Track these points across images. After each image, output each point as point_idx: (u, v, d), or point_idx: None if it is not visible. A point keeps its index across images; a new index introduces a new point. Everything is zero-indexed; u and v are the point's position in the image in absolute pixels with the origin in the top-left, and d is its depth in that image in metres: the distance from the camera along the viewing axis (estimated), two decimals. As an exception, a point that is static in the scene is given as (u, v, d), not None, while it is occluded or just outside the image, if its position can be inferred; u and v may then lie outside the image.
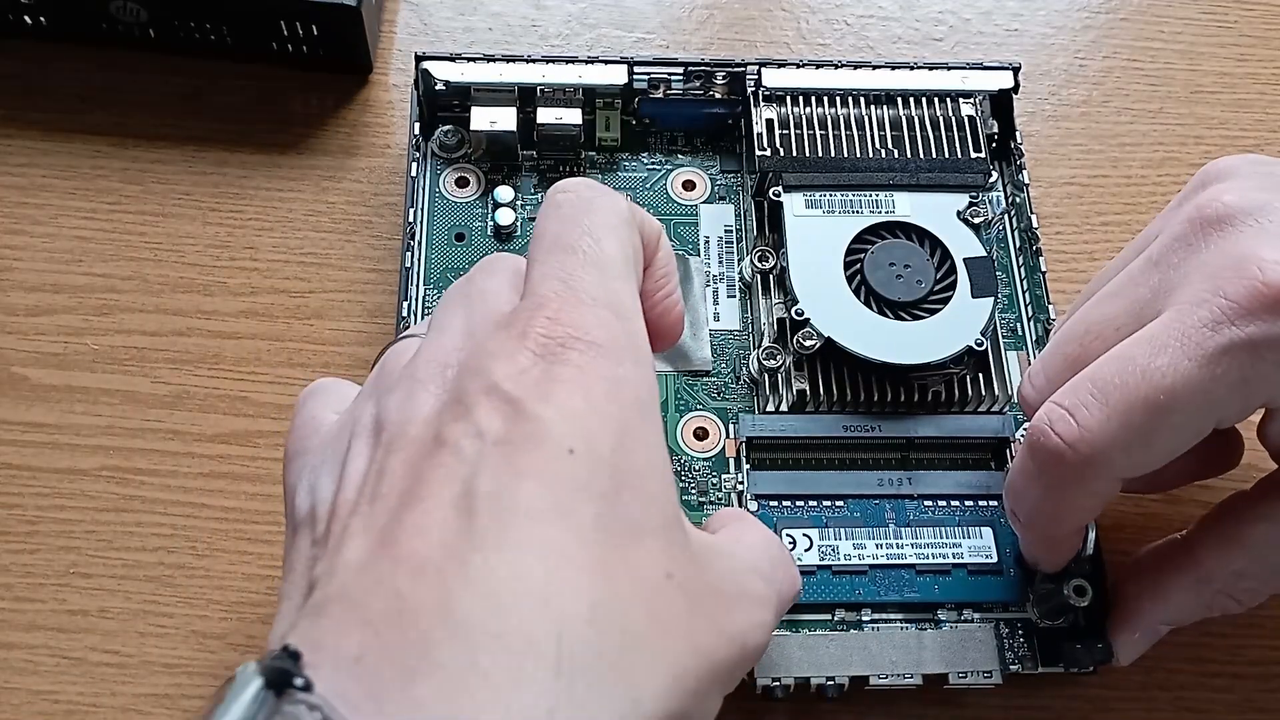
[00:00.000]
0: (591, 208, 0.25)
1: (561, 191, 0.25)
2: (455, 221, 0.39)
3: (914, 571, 0.33)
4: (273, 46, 0.42)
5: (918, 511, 0.34)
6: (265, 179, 0.41)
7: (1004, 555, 0.33)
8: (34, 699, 0.33)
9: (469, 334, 0.24)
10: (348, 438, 0.23)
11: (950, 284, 0.36)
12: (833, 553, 0.33)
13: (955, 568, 0.33)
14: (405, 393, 0.23)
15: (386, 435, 0.22)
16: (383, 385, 0.24)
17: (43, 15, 0.42)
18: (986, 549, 0.33)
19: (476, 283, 0.25)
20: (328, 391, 0.27)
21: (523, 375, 0.21)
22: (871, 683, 0.32)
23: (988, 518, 0.34)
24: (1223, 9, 0.47)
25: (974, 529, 0.34)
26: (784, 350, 0.36)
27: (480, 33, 0.45)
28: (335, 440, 0.24)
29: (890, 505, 0.34)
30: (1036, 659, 0.33)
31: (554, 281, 0.23)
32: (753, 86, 0.39)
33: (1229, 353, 0.25)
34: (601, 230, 0.24)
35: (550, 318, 0.22)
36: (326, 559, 0.21)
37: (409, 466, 0.21)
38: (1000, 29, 0.46)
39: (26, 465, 0.36)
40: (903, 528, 0.33)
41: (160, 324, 0.38)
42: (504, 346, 0.22)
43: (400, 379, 0.23)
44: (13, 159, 0.41)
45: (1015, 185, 0.39)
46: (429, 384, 0.23)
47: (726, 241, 0.39)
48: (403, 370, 0.24)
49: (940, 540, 0.33)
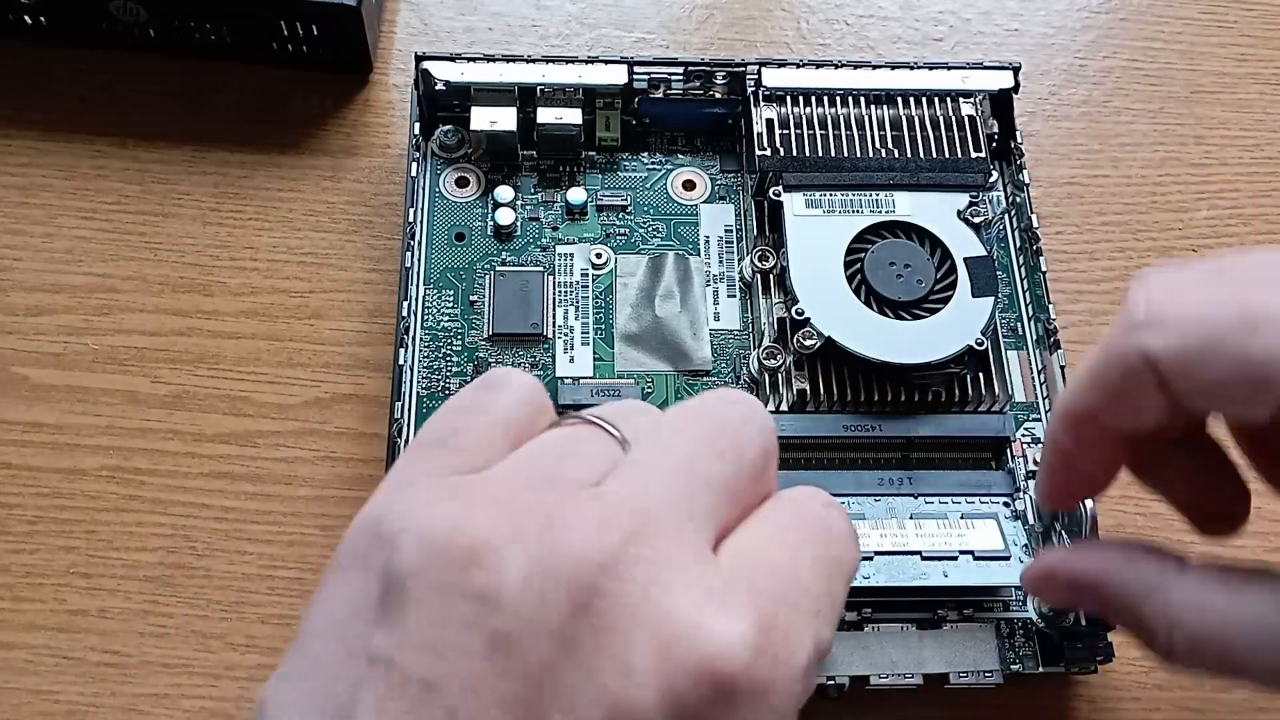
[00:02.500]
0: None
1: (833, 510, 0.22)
2: (455, 221, 0.39)
3: (920, 557, 0.33)
4: (273, 46, 0.42)
5: (919, 508, 0.34)
6: (265, 179, 0.41)
7: (1009, 544, 0.33)
8: (34, 699, 0.33)
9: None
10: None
11: (950, 284, 0.36)
12: None
13: (962, 554, 0.33)
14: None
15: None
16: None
17: (43, 15, 0.42)
18: (992, 538, 0.33)
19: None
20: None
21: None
22: (872, 683, 0.32)
23: (990, 514, 0.34)
24: (1223, 9, 0.47)
25: (978, 521, 0.33)
26: (784, 350, 0.36)
27: (480, 33, 0.45)
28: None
29: (892, 502, 0.34)
30: (1037, 659, 0.33)
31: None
32: (753, 86, 0.39)
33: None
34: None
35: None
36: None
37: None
38: (1000, 29, 0.46)
39: (26, 465, 0.36)
40: (906, 520, 0.33)
41: (160, 324, 0.38)
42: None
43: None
44: (13, 159, 0.41)
45: (1015, 185, 0.39)
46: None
47: (726, 241, 0.39)
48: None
49: (945, 530, 0.33)
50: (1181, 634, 0.23)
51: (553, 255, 0.38)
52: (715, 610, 0.17)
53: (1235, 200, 0.43)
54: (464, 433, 0.21)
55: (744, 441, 0.21)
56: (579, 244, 0.39)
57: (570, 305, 0.37)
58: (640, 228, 0.39)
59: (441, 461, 0.20)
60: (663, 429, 0.21)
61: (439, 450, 0.20)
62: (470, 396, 0.21)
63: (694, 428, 0.21)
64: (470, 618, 0.17)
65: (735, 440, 0.20)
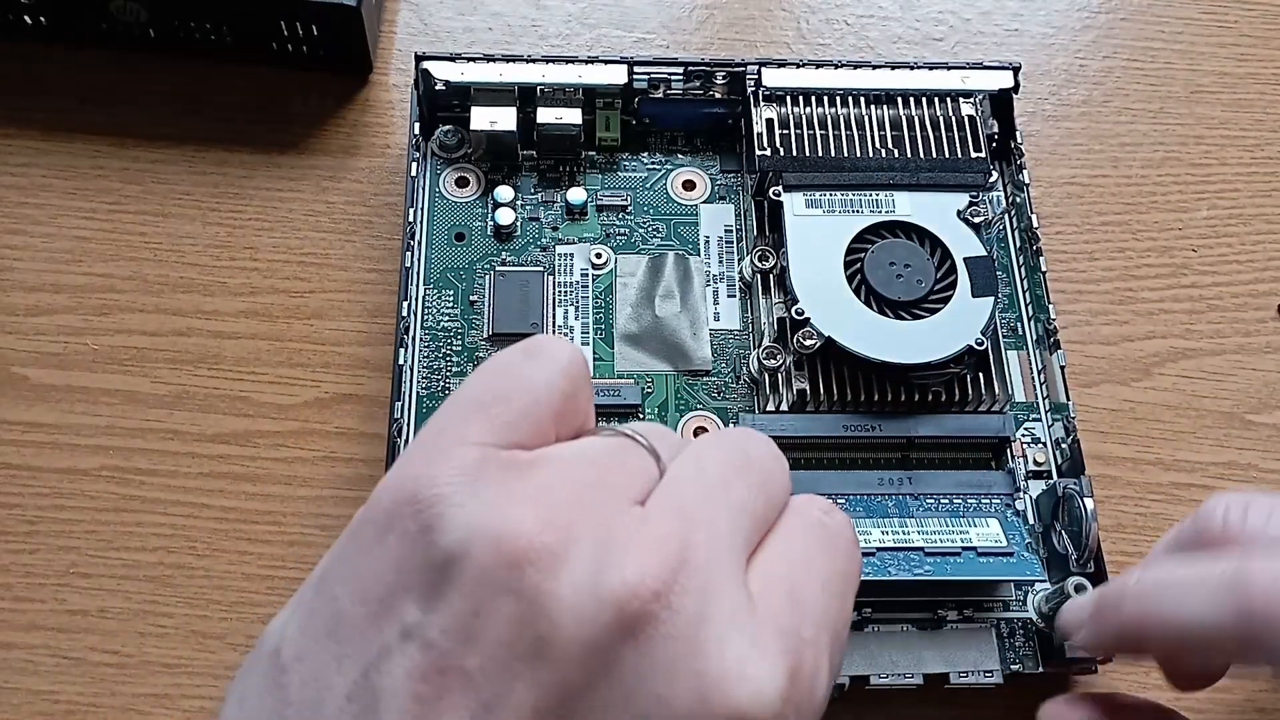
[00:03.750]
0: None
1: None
2: (455, 221, 0.39)
3: (923, 554, 0.32)
4: (273, 46, 0.42)
5: (920, 508, 0.34)
6: (265, 179, 0.41)
7: (1012, 540, 0.33)
8: (34, 699, 0.33)
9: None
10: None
11: (950, 283, 0.36)
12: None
13: (965, 550, 0.32)
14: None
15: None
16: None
17: (43, 15, 0.42)
18: (994, 535, 0.33)
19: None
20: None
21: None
22: (872, 682, 0.32)
23: (990, 513, 0.34)
24: (1223, 9, 0.47)
25: (980, 519, 0.33)
26: (784, 350, 0.36)
27: (480, 33, 0.45)
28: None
29: (893, 501, 0.34)
30: (1037, 659, 0.33)
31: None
32: (753, 86, 0.39)
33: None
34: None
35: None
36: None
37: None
38: (1000, 29, 0.46)
39: (26, 465, 0.36)
40: (907, 518, 0.33)
41: (160, 324, 0.38)
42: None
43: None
44: (13, 159, 0.41)
45: (1015, 185, 0.39)
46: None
47: (726, 241, 0.39)
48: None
49: (947, 528, 0.33)
50: None
51: (553, 255, 0.38)
52: (755, 658, 0.18)
53: (1235, 200, 0.43)
54: (507, 401, 0.20)
55: (770, 473, 0.21)
56: (579, 244, 0.39)
57: (570, 305, 0.37)
58: (640, 228, 0.39)
59: (482, 427, 0.19)
60: (694, 453, 0.21)
61: (480, 414, 0.19)
62: (513, 361, 0.21)
63: (724, 455, 0.21)
64: (516, 616, 0.17)
65: (762, 471, 0.21)
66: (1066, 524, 0.33)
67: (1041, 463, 0.36)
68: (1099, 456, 0.37)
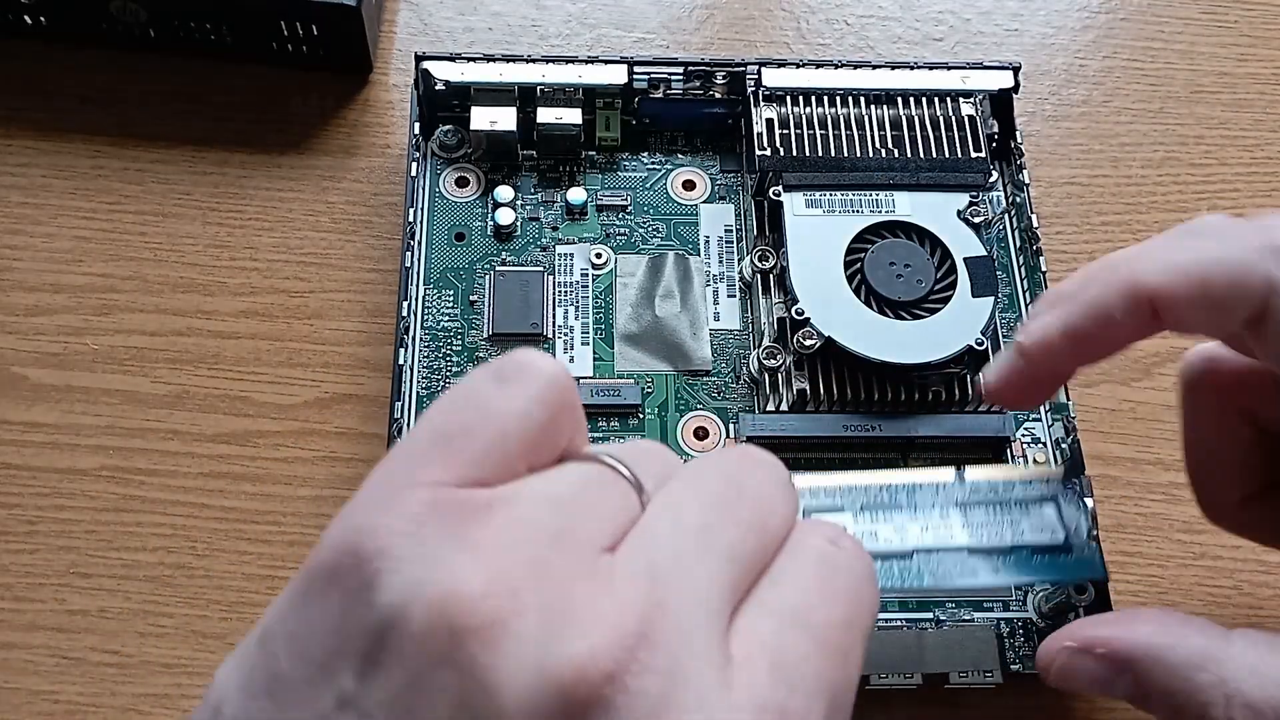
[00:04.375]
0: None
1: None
2: (455, 221, 0.39)
3: (968, 553, 0.31)
4: (273, 46, 0.42)
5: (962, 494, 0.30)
6: (265, 179, 0.41)
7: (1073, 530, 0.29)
8: (34, 699, 0.33)
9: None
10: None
11: (950, 284, 0.36)
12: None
13: (1016, 548, 0.28)
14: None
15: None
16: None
17: (43, 15, 0.42)
18: (1050, 525, 0.29)
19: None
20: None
21: None
22: (872, 683, 0.32)
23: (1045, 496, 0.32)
24: (1223, 9, 0.47)
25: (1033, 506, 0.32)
26: (784, 350, 0.36)
27: (480, 33, 0.45)
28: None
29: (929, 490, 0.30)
30: (1037, 659, 0.32)
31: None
32: (753, 86, 0.39)
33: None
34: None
35: None
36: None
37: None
38: (1000, 29, 0.46)
39: (26, 465, 0.36)
40: (950, 507, 0.29)
41: (160, 324, 0.38)
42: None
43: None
44: (13, 159, 0.41)
45: (1015, 185, 0.39)
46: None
47: (726, 241, 0.39)
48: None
49: (994, 517, 0.30)
50: (1241, 702, 0.23)
51: (553, 255, 0.38)
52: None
53: (1235, 200, 0.43)
54: (469, 435, 0.18)
55: (767, 505, 0.19)
56: (579, 244, 0.39)
57: (570, 305, 0.37)
58: (640, 228, 0.39)
59: (439, 465, 0.17)
60: (680, 487, 0.18)
61: (441, 451, 0.18)
62: (482, 388, 0.18)
63: (711, 489, 0.18)
64: (455, 693, 0.15)
65: (756, 504, 0.18)
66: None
67: (1041, 463, 0.36)
68: (1099, 456, 0.37)
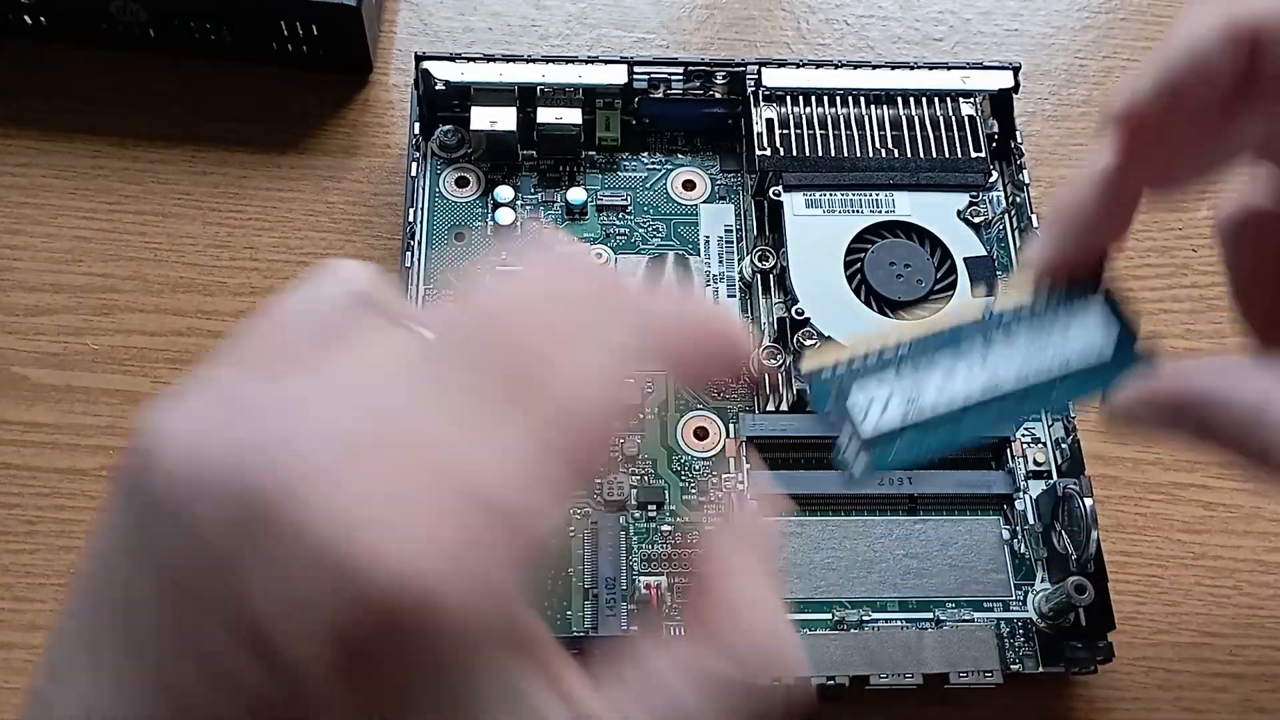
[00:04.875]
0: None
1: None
2: (455, 221, 0.39)
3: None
4: (273, 46, 0.42)
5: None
6: (265, 179, 0.41)
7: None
8: (34, 699, 0.33)
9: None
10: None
11: (950, 283, 0.36)
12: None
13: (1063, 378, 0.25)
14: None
15: None
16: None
17: (43, 15, 0.42)
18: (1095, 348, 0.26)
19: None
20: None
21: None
22: (872, 683, 0.32)
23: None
24: (1223, 9, 0.47)
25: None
26: (784, 350, 0.36)
27: (480, 33, 0.45)
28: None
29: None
30: (1037, 659, 0.33)
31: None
32: (753, 86, 0.39)
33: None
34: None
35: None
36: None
37: None
38: (1000, 29, 0.46)
39: (26, 465, 0.36)
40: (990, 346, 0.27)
41: (160, 324, 0.38)
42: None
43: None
44: (13, 159, 0.41)
45: (1015, 185, 0.39)
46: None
47: (726, 241, 0.39)
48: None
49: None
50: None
51: (553, 255, 0.38)
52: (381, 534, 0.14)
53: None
54: (252, 334, 0.17)
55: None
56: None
57: (570, 305, 0.37)
58: (640, 228, 0.39)
59: (221, 369, 0.16)
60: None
61: (225, 353, 0.16)
62: (282, 294, 0.17)
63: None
64: (133, 516, 0.15)
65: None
66: (1066, 524, 0.33)
67: (1041, 463, 0.36)
68: (1099, 456, 0.37)
